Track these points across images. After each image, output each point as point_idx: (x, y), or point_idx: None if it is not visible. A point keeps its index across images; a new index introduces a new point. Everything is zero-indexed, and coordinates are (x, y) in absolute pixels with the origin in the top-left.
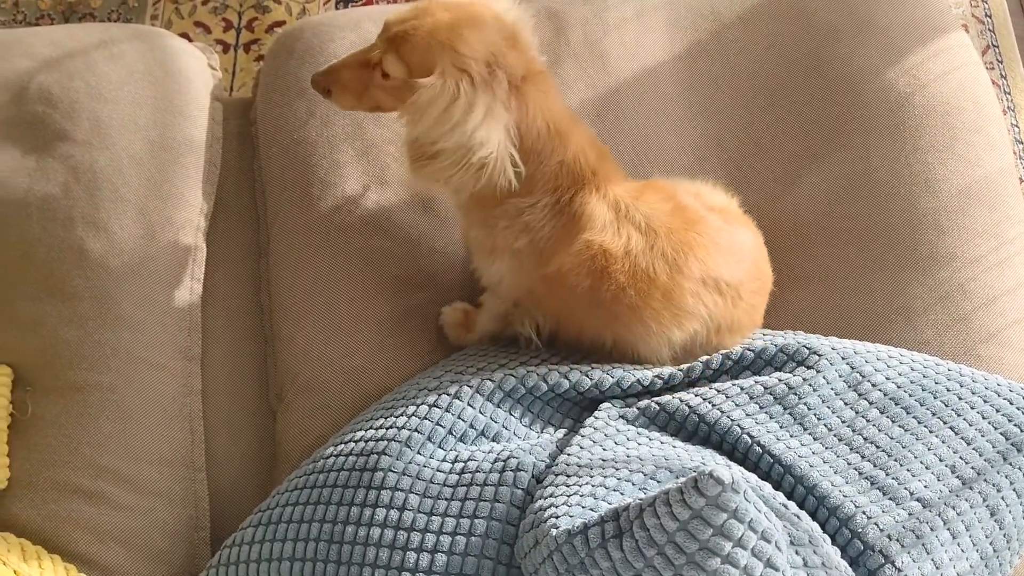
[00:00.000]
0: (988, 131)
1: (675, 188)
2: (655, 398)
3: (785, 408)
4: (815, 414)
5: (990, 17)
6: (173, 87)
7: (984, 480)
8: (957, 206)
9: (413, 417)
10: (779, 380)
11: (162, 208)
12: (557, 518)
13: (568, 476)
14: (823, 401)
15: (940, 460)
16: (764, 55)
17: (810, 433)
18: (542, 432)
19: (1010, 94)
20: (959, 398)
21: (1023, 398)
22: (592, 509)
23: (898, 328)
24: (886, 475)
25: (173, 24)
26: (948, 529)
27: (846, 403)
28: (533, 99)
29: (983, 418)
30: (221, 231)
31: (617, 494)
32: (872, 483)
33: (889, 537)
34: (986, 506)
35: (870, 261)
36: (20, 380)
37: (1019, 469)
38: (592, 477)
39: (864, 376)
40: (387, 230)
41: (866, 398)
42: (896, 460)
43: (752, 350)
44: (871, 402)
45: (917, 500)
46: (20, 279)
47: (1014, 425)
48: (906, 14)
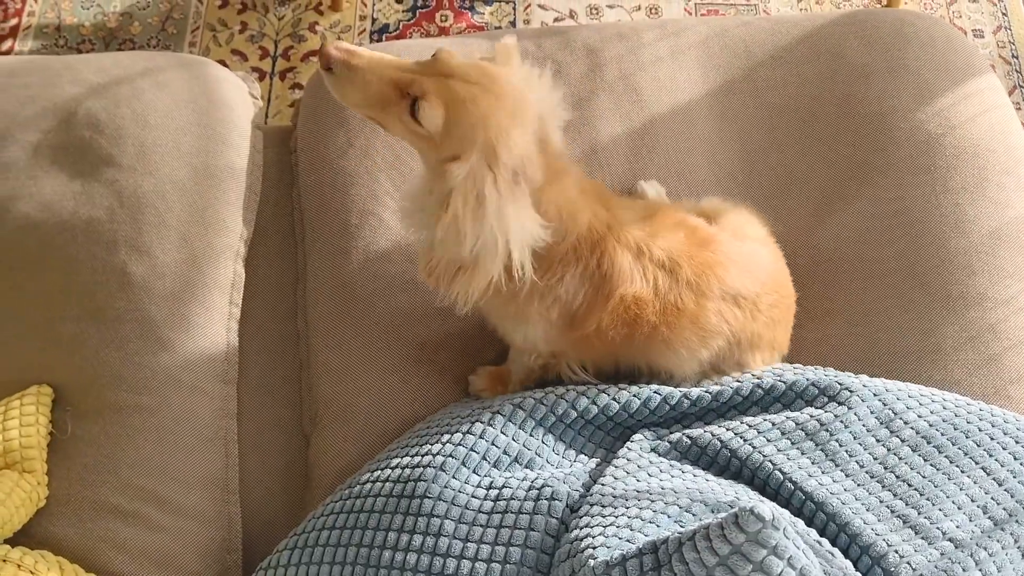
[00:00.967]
0: (1019, 173)
1: (678, 210)
2: (686, 431)
3: (817, 444)
4: (847, 451)
5: (1017, 58)
6: (216, 115)
7: (1016, 521)
8: (988, 247)
9: (448, 444)
10: (811, 416)
11: (203, 233)
12: (594, 548)
13: (603, 507)
14: (855, 438)
15: (972, 500)
16: (796, 93)
17: (842, 470)
18: (575, 461)
19: None
20: (991, 438)
21: None
22: (629, 540)
23: (927, 367)
24: (918, 514)
25: (211, 52)
26: (980, 570)
27: (878, 440)
28: (547, 195)
29: (1015, 459)
30: (260, 257)
31: (653, 526)
32: (904, 522)
33: None
34: (1018, 547)
35: (899, 299)
36: (61, 400)
37: None
38: (628, 508)
39: (896, 414)
40: None
41: (898, 436)
42: (928, 499)
43: (784, 382)
44: (903, 440)
45: (949, 540)
46: (63, 300)
47: None
48: (937, 56)
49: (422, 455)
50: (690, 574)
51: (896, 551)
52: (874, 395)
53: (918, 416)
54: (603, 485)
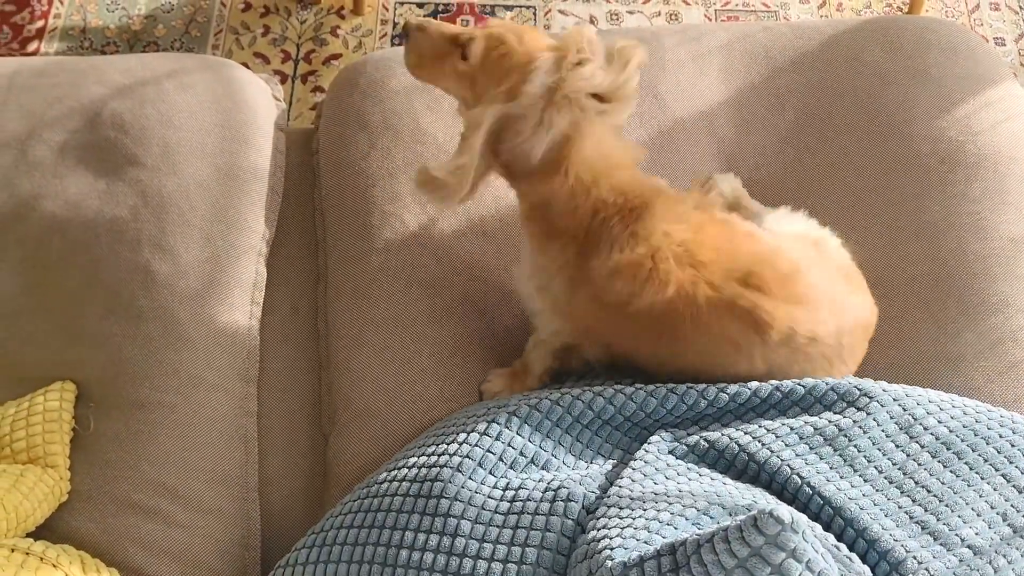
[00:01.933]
0: None
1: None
2: (704, 434)
3: (835, 449)
4: (866, 456)
5: None
6: (239, 116)
7: None
8: (1008, 254)
9: (464, 444)
10: (829, 421)
11: (226, 233)
12: (612, 550)
13: (620, 508)
14: (874, 443)
15: (991, 507)
16: (817, 99)
17: (860, 475)
18: (591, 462)
19: None
20: (1011, 445)
21: None
22: (647, 542)
23: (947, 374)
24: (937, 520)
25: (233, 54)
26: None
27: (897, 446)
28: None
29: None
30: (281, 257)
31: (671, 528)
32: (923, 528)
33: None
34: None
35: (919, 306)
36: (83, 396)
37: None
38: (645, 510)
39: (916, 419)
40: (444, 258)
41: (917, 441)
42: (947, 505)
43: (803, 386)
44: (922, 446)
45: (968, 547)
46: (87, 298)
47: None
48: (959, 64)
49: (439, 455)
50: None
51: (914, 557)
52: (894, 400)
53: (938, 422)
54: (620, 487)
